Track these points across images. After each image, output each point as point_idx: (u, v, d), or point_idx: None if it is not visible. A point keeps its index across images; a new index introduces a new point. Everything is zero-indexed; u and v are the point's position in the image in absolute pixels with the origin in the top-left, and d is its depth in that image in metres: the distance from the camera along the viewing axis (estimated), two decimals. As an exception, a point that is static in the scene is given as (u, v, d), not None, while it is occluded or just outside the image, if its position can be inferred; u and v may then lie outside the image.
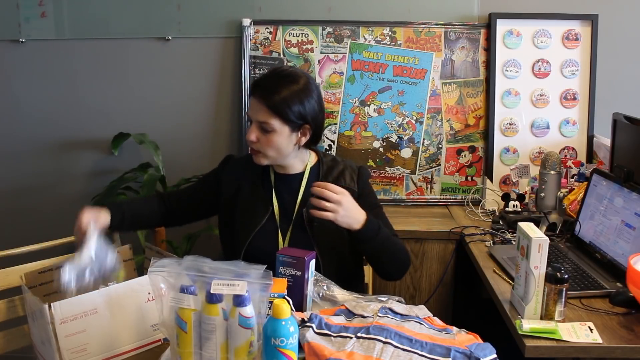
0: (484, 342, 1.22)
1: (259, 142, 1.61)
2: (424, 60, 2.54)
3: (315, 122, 1.63)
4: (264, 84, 1.61)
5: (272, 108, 1.56)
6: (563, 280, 1.42)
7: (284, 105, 1.56)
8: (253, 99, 1.61)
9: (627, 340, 1.40)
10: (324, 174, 1.70)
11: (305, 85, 1.60)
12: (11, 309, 1.59)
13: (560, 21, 2.52)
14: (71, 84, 2.63)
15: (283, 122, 1.58)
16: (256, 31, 2.54)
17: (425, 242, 2.26)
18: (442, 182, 2.61)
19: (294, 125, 1.60)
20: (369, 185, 1.76)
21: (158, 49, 2.60)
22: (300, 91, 1.59)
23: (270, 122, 1.57)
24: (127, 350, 1.32)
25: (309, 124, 1.61)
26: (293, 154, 1.67)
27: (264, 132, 1.59)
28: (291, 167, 1.71)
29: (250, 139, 1.60)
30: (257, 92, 1.60)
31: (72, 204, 2.65)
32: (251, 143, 1.62)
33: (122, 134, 2.53)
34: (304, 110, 1.59)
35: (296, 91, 1.58)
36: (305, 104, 1.59)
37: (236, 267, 1.16)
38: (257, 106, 1.59)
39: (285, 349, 1.07)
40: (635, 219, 1.69)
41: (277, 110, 1.57)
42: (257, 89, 1.61)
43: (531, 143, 2.58)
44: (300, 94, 1.58)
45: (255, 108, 1.60)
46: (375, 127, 2.57)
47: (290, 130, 1.60)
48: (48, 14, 2.56)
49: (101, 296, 1.29)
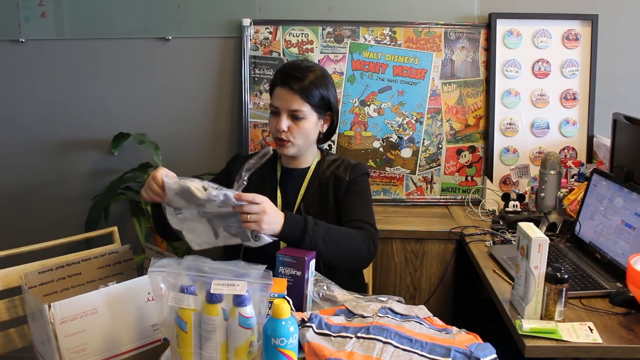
0: (484, 342, 1.22)
1: (289, 131, 1.67)
2: (424, 60, 2.54)
3: (336, 110, 1.75)
4: (293, 74, 1.67)
5: (305, 95, 1.65)
6: (563, 280, 1.42)
7: (316, 93, 1.67)
8: (281, 89, 1.67)
9: (627, 340, 1.40)
10: (323, 169, 1.77)
11: (324, 74, 1.73)
12: (11, 309, 1.59)
13: (560, 21, 2.52)
14: (71, 84, 2.63)
15: (312, 109, 1.68)
16: (256, 31, 2.54)
17: (425, 242, 2.26)
18: (442, 182, 2.61)
19: (320, 112, 1.71)
20: (363, 179, 1.77)
21: (158, 49, 2.60)
22: (324, 78, 1.71)
23: (303, 109, 1.66)
24: (127, 350, 1.32)
25: (331, 111, 1.74)
26: (312, 145, 1.75)
27: (294, 120, 1.67)
28: (303, 160, 1.77)
29: (281, 128, 1.66)
30: (287, 81, 1.66)
31: (72, 204, 2.67)
32: (281, 133, 1.67)
33: (122, 134, 2.53)
34: (328, 97, 1.71)
35: (320, 79, 1.69)
36: (329, 90, 1.71)
37: (236, 267, 1.16)
38: (288, 95, 1.66)
39: (285, 349, 1.07)
40: (635, 219, 1.69)
41: (308, 97, 1.66)
42: (287, 79, 1.67)
43: (531, 143, 2.58)
44: (324, 81, 1.70)
45: (285, 97, 1.66)
46: (375, 127, 2.57)
47: (317, 117, 1.71)
48: (48, 14, 2.56)
49: (101, 296, 1.29)
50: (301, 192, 1.75)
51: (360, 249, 1.60)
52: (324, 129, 1.76)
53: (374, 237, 1.65)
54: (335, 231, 1.57)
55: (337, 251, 1.55)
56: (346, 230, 1.61)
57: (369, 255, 1.63)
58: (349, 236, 1.60)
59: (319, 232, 1.52)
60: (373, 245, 1.63)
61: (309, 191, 1.75)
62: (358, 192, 1.74)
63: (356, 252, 1.60)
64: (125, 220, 2.62)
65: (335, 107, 1.76)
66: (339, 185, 1.73)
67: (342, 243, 1.56)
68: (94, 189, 2.61)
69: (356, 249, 1.60)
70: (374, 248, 1.63)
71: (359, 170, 1.77)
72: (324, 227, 1.54)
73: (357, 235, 1.61)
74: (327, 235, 1.53)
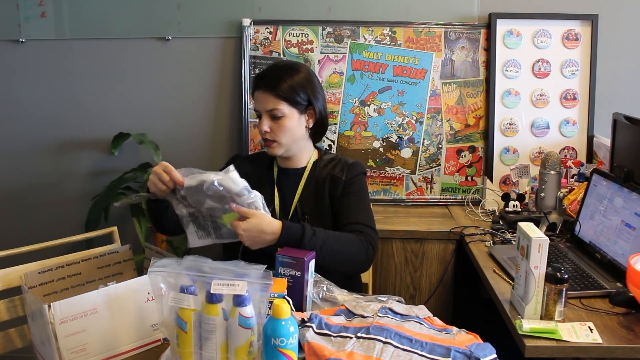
0: (484, 342, 1.22)
1: (272, 131, 1.68)
2: (424, 60, 2.54)
3: (319, 104, 1.74)
4: (266, 75, 1.71)
5: (279, 94, 1.66)
6: (563, 280, 1.42)
7: (289, 89, 1.67)
8: (258, 92, 1.69)
9: (627, 340, 1.40)
10: (320, 169, 1.77)
11: (306, 71, 1.74)
12: (11, 309, 1.59)
13: (560, 21, 2.52)
14: (71, 84, 2.63)
15: (291, 106, 1.68)
16: (256, 31, 2.54)
17: (425, 242, 2.26)
18: (442, 182, 2.61)
19: (301, 108, 1.71)
20: (359, 179, 1.76)
21: (158, 49, 2.60)
22: (303, 76, 1.71)
23: (279, 107, 1.67)
24: (127, 350, 1.32)
25: (313, 105, 1.72)
26: (303, 143, 1.75)
27: (274, 120, 1.68)
28: (297, 160, 1.77)
29: (263, 129, 1.68)
30: (261, 83, 1.69)
31: (72, 204, 2.67)
32: (265, 134, 1.69)
33: (122, 134, 2.53)
34: (307, 92, 1.70)
35: (298, 76, 1.70)
36: (307, 87, 1.71)
37: (236, 267, 1.16)
38: (264, 96, 1.68)
39: (285, 349, 1.07)
40: (635, 219, 1.69)
41: (283, 95, 1.67)
42: (261, 81, 1.70)
43: (531, 143, 2.58)
44: (302, 79, 1.70)
45: (262, 99, 1.68)
46: (375, 127, 2.57)
47: (298, 113, 1.70)
48: (48, 14, 2.56)
49: (101, 296, 1.29)
50: (298, 191, 1.75)
51: (359, 255, 1.60)
52: (309, 124, 1.75)
53: (373, 241, 1.64)
54: (333, 239, 1.56)
55: (335, 260, 1.55)
56: (344, 237, 1.60)
57: (367, 260, 1.62)
58: (347, 243, 1.59)
59: (316, 241, 1.52)
60: (372, 249, 1.62)
61: (305, 191, 1.75)
62: (355, 193, 1.73)
63: (354, 259, 1.60)
64: (125, 220, 2.62)
65: (318, 100, 1.73)
66: (335, 185, 1.73)
67: (340, 250, 1.56)
68: (94, 189, 2.61)
69: (354, 256, 1.59)
70: (373, 252, 1.63)
71: (355, 169, 1.76)
72: (322, 237, 1.54)
73: (356, 241, 1.60)
74: (325, 245, 1.53)
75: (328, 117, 1.82)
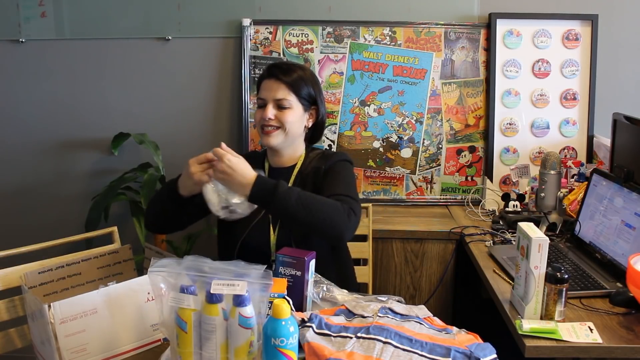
0: (484, 342, 1.22)
1: (275, 119, 1.70)
2: (424, 60, 2.54)
3: (322, 107, 1.80)
4: (280, 65, 1.76)
5: (290, 85, 1.71)
6: (563, 280, 1.42)
7: (301, 83, 1.72)
8: (269, 80, 1.73)
9: (627, 340, 1.40)
10: (306, 165, 1.77)
11: (311, 72, 1.82)
12: (11, 309, 1.59)
13: (560, 21, 2.52)
14: (71, 84, 2.63)
15: (298, 100, 1.72)
16: (256, 31, 2.54)
17: (425, 242, 2.26)
18: (442, 182, 2.61)
19: (306, 105, 1.75)
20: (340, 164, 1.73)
21: (158, 49, 2.60)
22: (311, 76, 1.79)
23: (289, 98, 1.71)
24: (127, 350, 1.32)
25: (317, 105, 1.78)
26: (297, 141, 1.78)
27: (280, 109, 1.70)
28: (288, 158, 1.79)
29: (267, 116, 1.69)
30: (274, 72, 1.73)
31: (72, 204, 2.67)
32: (268, 120, 1.70)
33: (122, 134, 2.53)
34: (314, 90, 1.77)
35: (307, 75, 1.77)
36: (314, 86, 1.77)
37: (236, 267, 1.16)
38: (275, 85, 1.71)
39: (285, 349, 1.07)
40: (635, 219, 1.69)
41: (294, 87, 1.71)
42: (274, 70, 1.74)
43: (531, 143, 2.58)
44: (311, 78, 1.77)
45: (273, 87, 1.71)
46: (375, 127, 2.57)
47: (303, 110, 1.74)
48: (48, 14, 2.56)
49: (101, 296, 1.29)
50: None
51: (339, 216, 1.51)
52: (309, 123, 1.78)
53: (354, 207, 1.55)
54: (310, 196, 1.51)
55: (312, 216, 1.48)
56: (322, 198, 1.54)
57: (349, 223, 1.52)
58: (326, 203, 1.52)
59: (291, 194, 1.48)
60: (354, 214, 1.54)
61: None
62: (336, 172, 1.69)
63: (333, 220, 1.50)
64: (125, 220, 2.63)
65: (321, 102, 1.79)
66: (317, 175, 1.71)
67: (317, 207, 1.49)
68: (94, 189, 2.61)
69: (334, 213, 1.51)
70: (355, 218, 1.54)
71: (336, 157, 1.75)
72: (297, 191, 1.50)
73: (335, 204, 1.53)
74: (299, 199, 1.48)
75: (325, 124, 1.86)
